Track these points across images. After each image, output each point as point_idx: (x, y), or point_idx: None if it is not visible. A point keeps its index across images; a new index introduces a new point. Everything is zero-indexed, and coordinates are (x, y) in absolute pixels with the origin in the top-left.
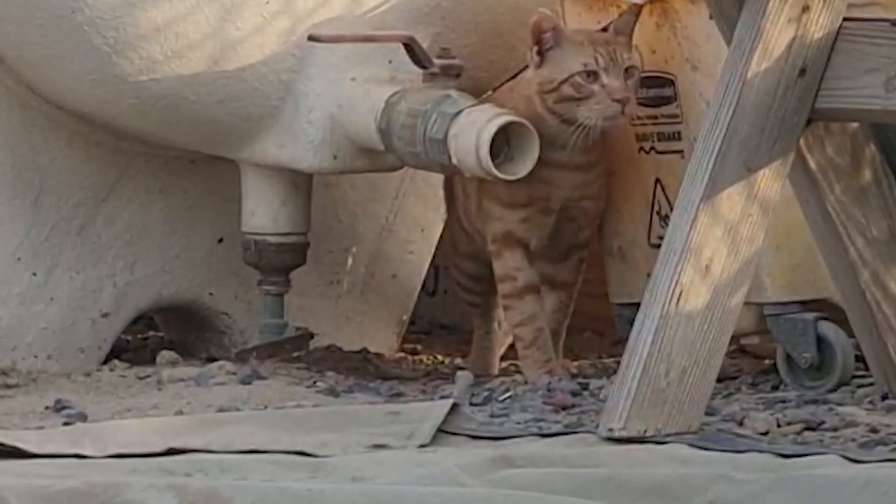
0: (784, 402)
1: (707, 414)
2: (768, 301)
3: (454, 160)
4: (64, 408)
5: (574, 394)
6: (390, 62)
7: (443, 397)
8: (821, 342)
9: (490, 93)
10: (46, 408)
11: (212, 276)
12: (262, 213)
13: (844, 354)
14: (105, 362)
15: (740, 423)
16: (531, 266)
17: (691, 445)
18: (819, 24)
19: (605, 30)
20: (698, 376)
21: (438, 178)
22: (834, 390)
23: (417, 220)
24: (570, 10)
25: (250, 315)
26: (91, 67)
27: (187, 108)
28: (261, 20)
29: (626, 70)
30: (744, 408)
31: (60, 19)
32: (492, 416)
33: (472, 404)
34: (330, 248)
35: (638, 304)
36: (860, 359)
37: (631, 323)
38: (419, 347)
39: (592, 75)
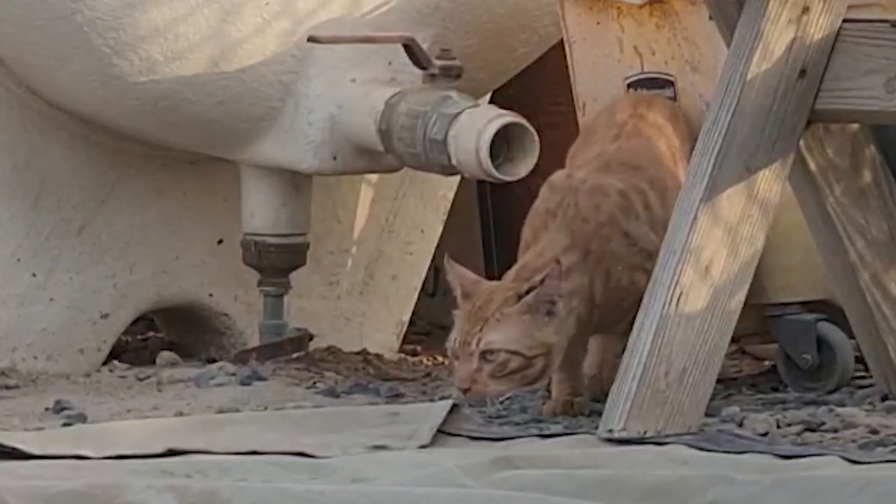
0: (784, 402)
1: (707, 415)
2: (768, 302)
3: (454, 161)
4: (64, 409)
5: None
6: (390, 63)
7: (442, 398)
8: (821, 343)
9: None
10: (46, 409)
11: (211, 277)
12: (262, 214)
13: (844, 355)
14: (105, 363)
15: (740, 424)
16: None
17: (691, 446)
18: (819, 26)
19: (532, 289)
20: (698, 377)
21: (438, 179)
22: (834, 391)
23: (417, 222)
24: (570, 10)
25: (250, 316)
26: (91, 69)
27: (187, 109)
28: (261, 21)
29: (483, 353)
30: (744, 409)
31: (60, 20)
32: (491, 416)
33: (471, 405)
34: (330, 248)
35: None
36: (860, 360)
37: None
38: (419, 348)
39: (455, 353)
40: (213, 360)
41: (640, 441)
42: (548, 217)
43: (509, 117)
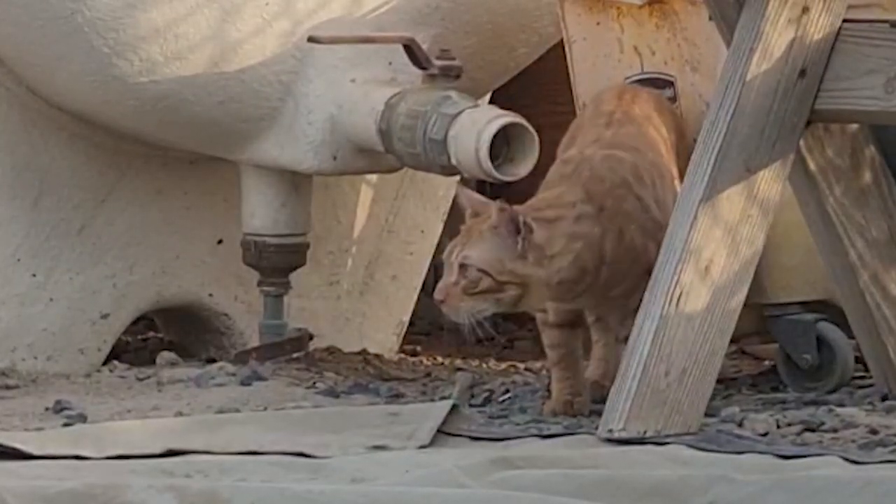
0: (784, 403)
1: (707, 415)
2: (768, 302)
3: (454, 161)
4: (64, 409)
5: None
6: (390, 63)
7: (442, 398)
8: (821, 343)
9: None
10: (46, 409)
11: (211, 277)
12: (262, 214)
13: (844, 355)
14: (105, 363)
15: (740, 424)
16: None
17: (691, 446)
18: (819, 26)
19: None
20: (698, 377)
21: (438, 179)
22: (834, 391)
23: (417, 221)
24: (570, 10)
25: (250, 316)
26: (91, 69)
27: (187, 109)
28: (261, 22)
29: (461, 267)
30: (743, 409)
31: (60, 21)
32: (491, 416)
33: (471, 405)
34: (330, 248)
35: None
36: (860, 360)
37: None
38: (419, 348)
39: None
40: (213, 360)
41: (640, 441)
42: (562, 180)
43: (509, 117)
